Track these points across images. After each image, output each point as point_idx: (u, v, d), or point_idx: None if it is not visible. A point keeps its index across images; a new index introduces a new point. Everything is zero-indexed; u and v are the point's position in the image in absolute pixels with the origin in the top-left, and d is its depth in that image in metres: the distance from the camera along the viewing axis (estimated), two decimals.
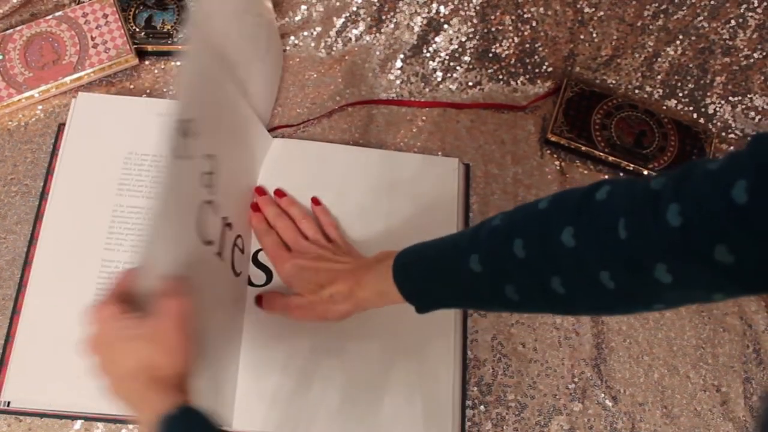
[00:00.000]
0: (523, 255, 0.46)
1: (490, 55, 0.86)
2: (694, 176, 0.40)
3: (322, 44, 0.86)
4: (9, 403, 0.66)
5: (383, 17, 0.86)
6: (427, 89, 0.85)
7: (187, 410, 0.48)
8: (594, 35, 0.85)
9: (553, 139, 0.81)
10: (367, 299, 0.60)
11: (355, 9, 0.86)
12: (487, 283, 0.49)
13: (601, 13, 0.85)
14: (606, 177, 0.81)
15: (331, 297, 0.61)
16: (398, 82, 0.85)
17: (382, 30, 0.86)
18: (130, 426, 0.67)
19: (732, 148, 0.84)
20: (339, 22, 0.86)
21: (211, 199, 0.59)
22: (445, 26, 0.86)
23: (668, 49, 0.85)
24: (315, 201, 0.74)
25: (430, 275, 0.54)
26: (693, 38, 0.84)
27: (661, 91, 0.86)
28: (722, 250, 0.38)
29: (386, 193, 0.76)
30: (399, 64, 0.85)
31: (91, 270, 0.69)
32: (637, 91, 0.86)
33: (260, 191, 0.74)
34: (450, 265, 0.52)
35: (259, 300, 0.69)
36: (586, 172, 0.82)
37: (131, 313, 0.49)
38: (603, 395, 0.72)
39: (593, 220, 0.44)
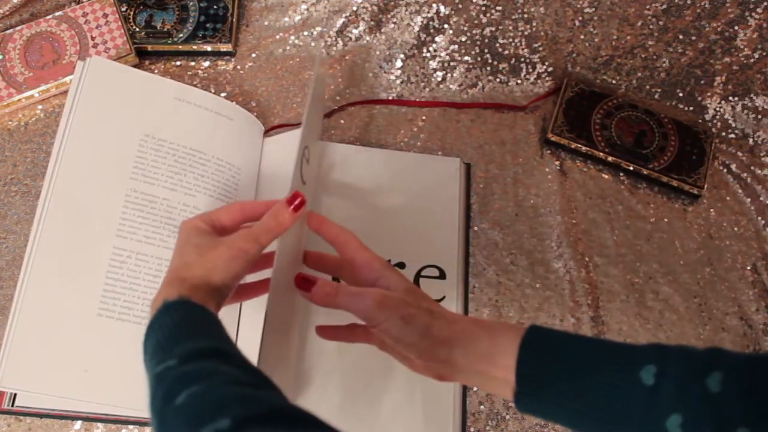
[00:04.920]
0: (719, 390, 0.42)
1: (490, 54, 0.86)
2: None
3: (322, 44, 0.86)
4: (15, 397, 0.65)
5: (383, 17, 0.86)
6: (427, 89, 0.85)
7: (187, 302, 0.49)
8: (594, 35, 0.85)
9: (553, 139, 0.81)
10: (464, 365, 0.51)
11: (355, 9, 0.86)
12: (654, 403, 0.43)
13: (601, 13, 0.85)
14: (607, 177, 0.81)
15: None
16: (398, 82, 0.85)
17: (382, 30, 0.86)
18: (130, 426, 0.67)
19: (732, 148, 0.84)
20: (339, 22, 0.86)
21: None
22: (445, 26, 0.86)
23: (668, 48, 0.85)
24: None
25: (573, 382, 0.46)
26: (693, 38, 0.84)
27: (661, 91, 0.86)
28: None
29: (386, 193, 0.76)
30: (399, 64, 0.85)
31: (101, 259, 0.64)
32: (637, 91, 0.86)
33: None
34: (608, 374, 0.45)
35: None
36: (586, 171, 0.82)
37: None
38: None
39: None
